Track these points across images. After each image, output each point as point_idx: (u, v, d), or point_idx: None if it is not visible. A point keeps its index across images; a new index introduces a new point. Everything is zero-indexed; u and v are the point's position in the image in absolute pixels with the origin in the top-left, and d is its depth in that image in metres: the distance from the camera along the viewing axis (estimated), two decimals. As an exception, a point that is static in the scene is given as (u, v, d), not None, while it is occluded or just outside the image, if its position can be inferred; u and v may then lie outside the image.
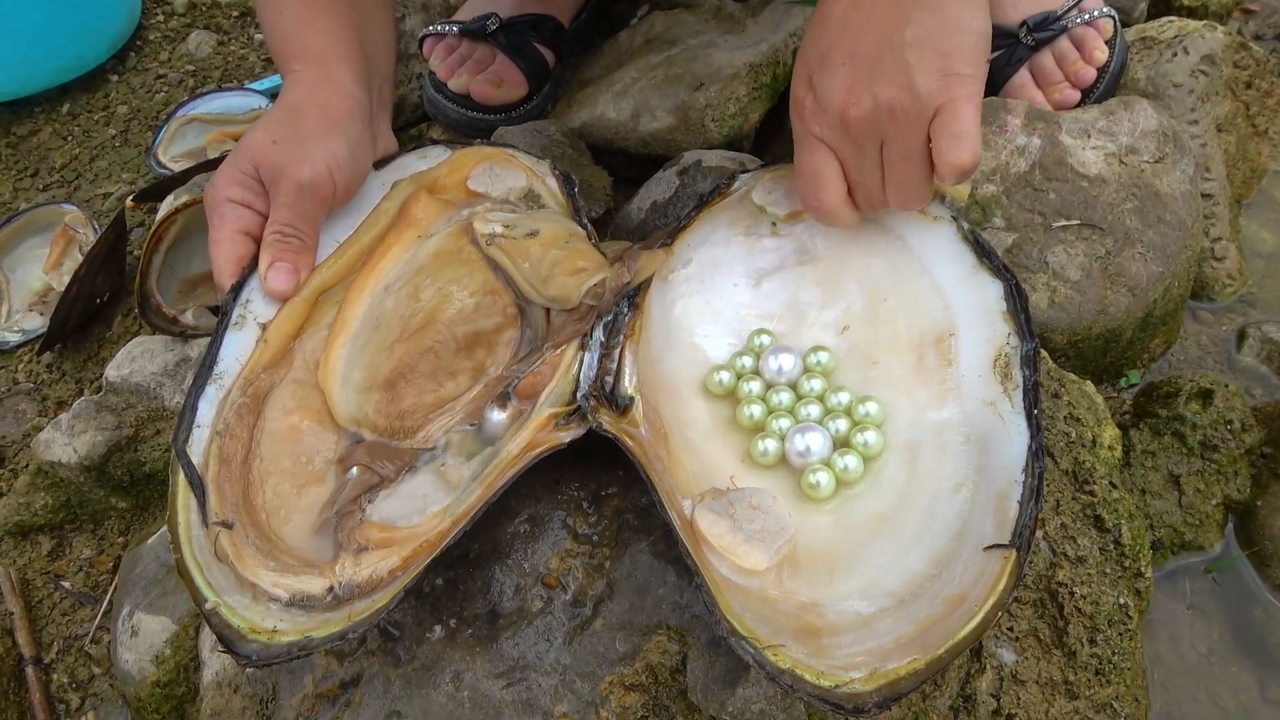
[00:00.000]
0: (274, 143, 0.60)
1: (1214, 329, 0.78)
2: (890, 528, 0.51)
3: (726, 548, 0.48)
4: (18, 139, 1.10)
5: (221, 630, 0.46)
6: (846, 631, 0.45)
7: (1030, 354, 0.53)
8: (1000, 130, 0.74)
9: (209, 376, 0.55)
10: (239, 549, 0.49)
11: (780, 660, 0.42)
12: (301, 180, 0.59)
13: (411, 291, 0.61)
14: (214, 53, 1.18)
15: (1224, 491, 0.66)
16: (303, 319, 0.59)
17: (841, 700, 0.41)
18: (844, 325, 0.61)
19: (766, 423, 0.57)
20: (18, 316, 0.91)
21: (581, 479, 0.56)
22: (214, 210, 0.60)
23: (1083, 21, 0.83)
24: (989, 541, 0.47)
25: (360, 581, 0.48)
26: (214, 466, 0.52)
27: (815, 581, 0.48)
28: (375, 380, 0.58)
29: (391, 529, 0.50)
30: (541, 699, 0.50)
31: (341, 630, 0.45)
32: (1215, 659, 0.63)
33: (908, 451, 0.54)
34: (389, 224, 0.64)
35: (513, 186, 0.67)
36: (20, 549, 0.76)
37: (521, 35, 0.89)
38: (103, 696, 0.69)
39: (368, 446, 0.55)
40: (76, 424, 0.71)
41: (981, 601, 0.44)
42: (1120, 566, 0.57)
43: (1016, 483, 0.48)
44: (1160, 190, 0.72)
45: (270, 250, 0.59)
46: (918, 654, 0.43)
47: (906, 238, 0.61)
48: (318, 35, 0.67)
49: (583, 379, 0.53)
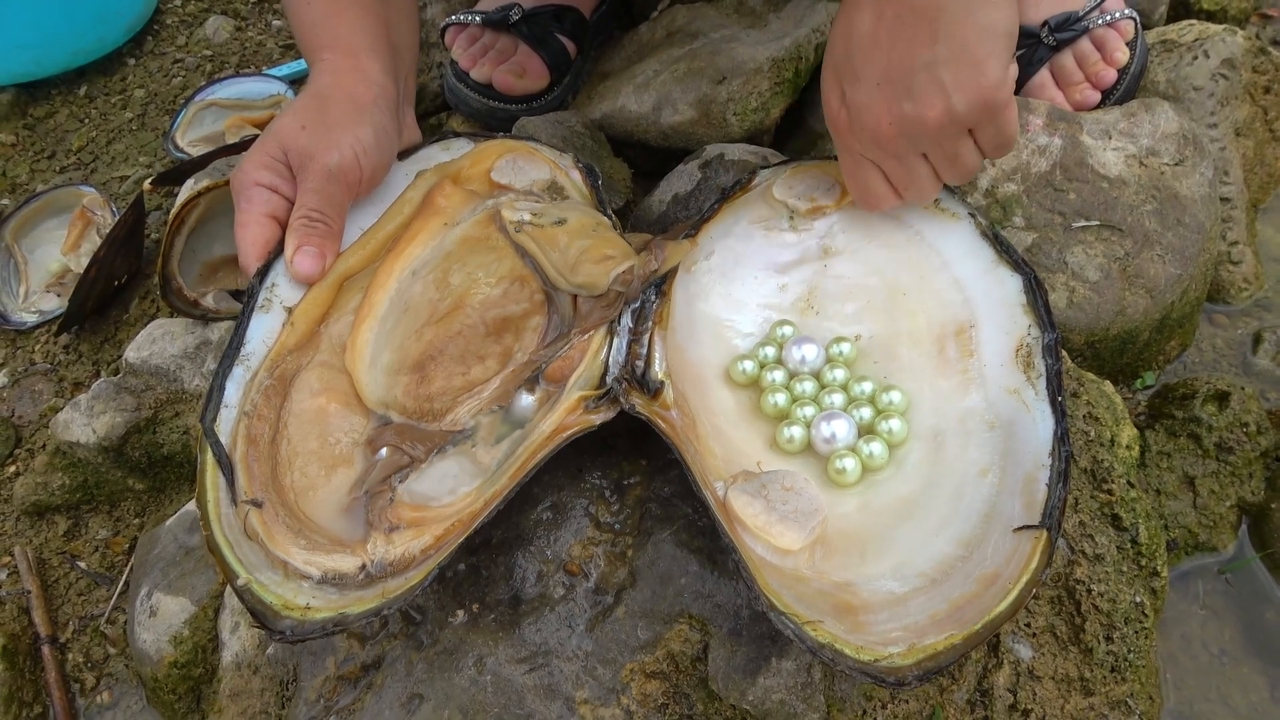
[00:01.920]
0: (303, 128, 0.60)
1: (1229, 332, 0.79)
2: (918, 511, 0.52)
3: (761, 527, 0.49)
4: (35, 121, 1.10)
5: (254, 606, 0.46)
6: (881, 609, 0.46)
7: (1052, 343, 0.54)
8: (1022, 130, 0.74)
9: (236, 358, 0.56)
10: (269, 527, 0.49)
11: (820, 635, 0.43)
12: (329, 166, 0.59)
13: (440, 276, 0.61)
14: (231, 38, 1.18)
15: (1238, 493, 0.67)
16: (329, 303, 0.60)
17: (882, 673, 0.42)
18: (863, 318, 0.62)
19: (791, 410, 0.58)
20: (35, 297, 0.92)
21: (604, 468, 0.57)
22: (241, 193, 0.60)
23: (1104, 23, 0.83)
24: (1018, 523, 0.48)
25: (393, 560, 0.48)
26: (242, 446, 0.52)
27: (847, 563, 0.49)
28: (404, 363, 0.58)
29: (424, 508, 0.51)
30: (563, 685, 0.50)
31: (376, 607, 0.45)
32: (1227, 659, 0.63)
33: (931, 438, 0.55)
34: (414, 212, 0.65)
35: (536, 179, 0.67)
36: (37, 528, 0.76)
37: (544, 26, 0.89)
38: (118, 676, 0.69)
39: (397, 428, 0.55)
40: (96, 405, 0.72)
41: (1015, 580, 0.45)
42: (1137, 565, 0.57)
43: (1044, 466, 0.49)
44: (1180, 193, 0.72)
45: (297, 234, 0.59)
46: (954, 629, 0.44)
47: (925, 233, 0.62)
48: (346, 24, 0.67)
49: (612, 363, 0.54)
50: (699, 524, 0.54)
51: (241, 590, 0.47)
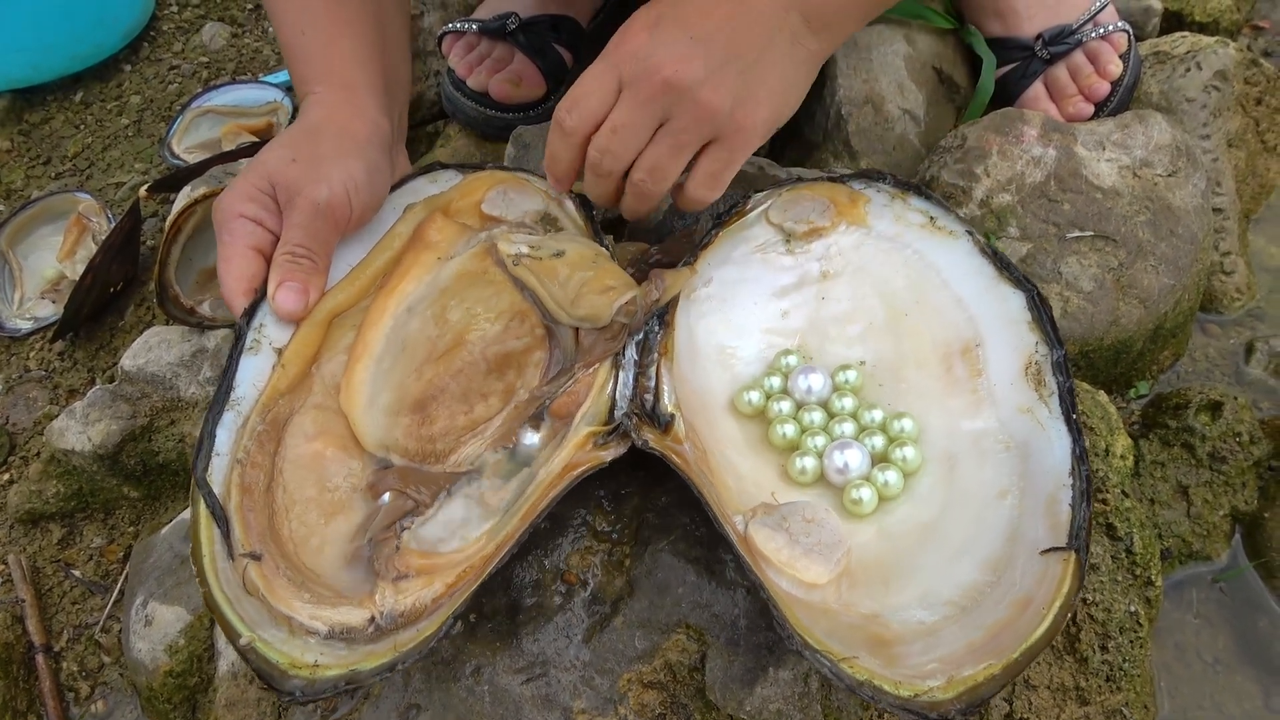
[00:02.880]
0: (293, 160, 0.59)
1: (1222, 342, 0.79)
2: (937, 536, 0.51)
3: (786, 562, 0.48)
4: (30, 126, 1.10)
5: (260, 667, 0.45)
6: (914, 640, 0.45)
7: (1061, 360, 0.53)
8: (1016, 140, 0.75)
9: (226, 402, 0.54)
10: (269, 581, 0.48)
11: (857, 672, 0.42)
12: (318, 201, 0.57)
13: (438, 312, 0.59)
14: (228, 45, 1.18)
15: (1232, 503, 0.67)
16: (319, 342, 0.58)
17: (924, 709, 0.42)
18: (867, 339, 0.61)
19: (801, 441, 0.57)
20: (30, 304, 0.91)
21: (601, 477, 0.57)
22: (224, 225, 0.58)
23: (1098, 36, 0.84)
24: (1044, 545, 0.47)
25: (403, 611, 0.47)
26: (236, 495, 0.51)
27: (873, 593, 0.48)
28: (404, 402, 0.56)
29: (432, 555, 0.49)
30: (561, 695, 0.50)
31: (390, 662, 0.44)
32: (1221, 668, 0.64)
33: (945, 462, 0.54)
34: (404, 246, 0.63)
35: (529, 210, 0.65)
36: (31, 536, 0.76)
37: (541, 35, 0.89)
38: (112, 685, 0.69)
39: (400, 471, 0.53)
40: (91, 412, 0.71)
41: (1049, 603, 0.44)
42: (1131, 575, 0.58)
43: (1065, 486, 0.49)
44: (1173, 203, 0.73)
45: (280, 270, 0.57)
46: (993, 659, 0.43)
47: (924, 253, 0.62)
48: (342, 58, 0.66)
49: (619, 397, 0.53)
50: (696, 534, 0.54)
51: (245, 650, 0.45)
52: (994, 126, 0.75)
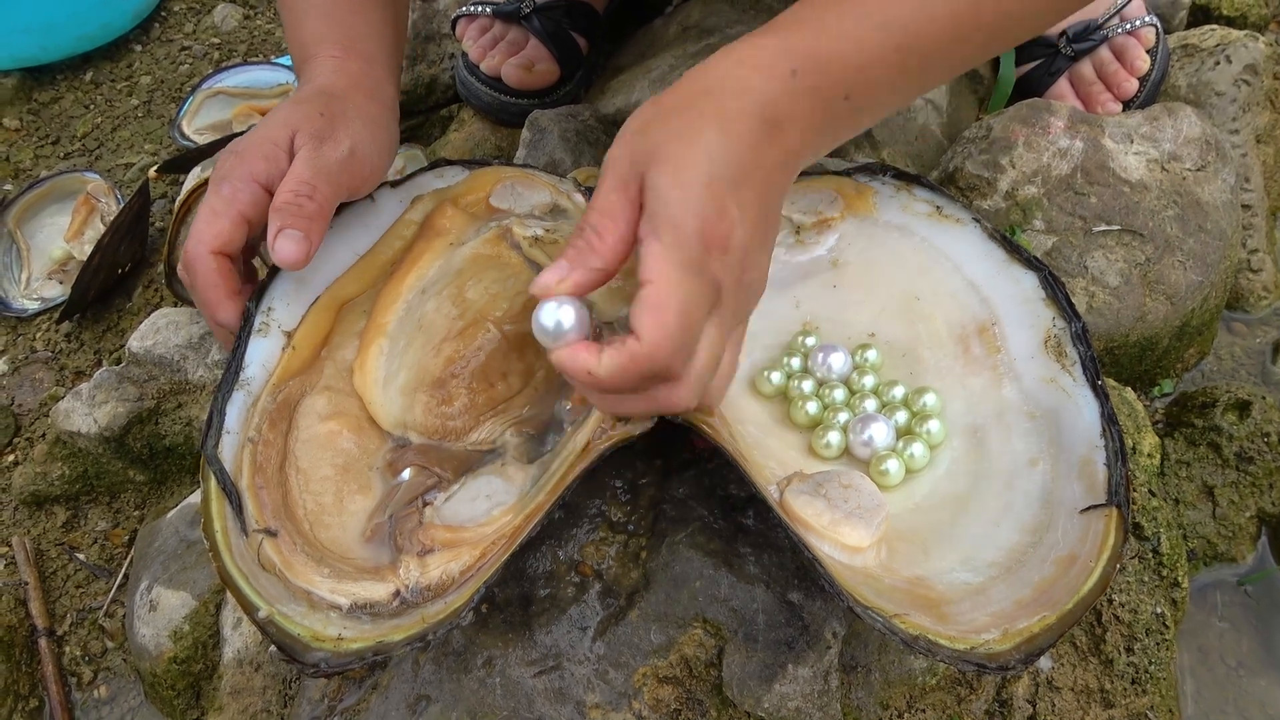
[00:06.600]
0: (320, 115, 0.57)
1: (1248, 341, 0.78)
2: (972, 506, 0.51)
3: (827, 526, 0.47)
4: (39, 106, 1.09)
5: (280, 640, 0.44)
6: (963, 600, 0.45)
7: (1080, 331, 0.54)
8: (1043, 132, 0.73)
9: (235, 382, 0.53)
10: (286, 557, 0.47)
11: (910, 628, 0.43)
12: (340, 149, 0.56)
13: (455, 293, 0.59)
14: (239, 26, 1.17)
15: (1258, 504, 0.66)
16: (329, 327, 0.58)
17: (983, 660, 0.42)
18: (880, 325, 0.61)
19: (825, 417, 0.57)
20: (37, 284, 0.90)
21: (618, 467, 0.56)
22: (224, 180, 0.54)
23: (1124, 31, 0.82)
24: (1081, 506, 0.47)
25: (430, 583, 0.47)
26: (248, 473, 0.50)
27: (913, 559, 0.48)
28: (423, 380, 0.56)
29: (458, 529, 0.49)
30: (574, 688, 0.49)
31: (420, 632, 0.43)
32: (1244, 671, 0.62)
33: (971, 436, 0.54)
34: (415, 234, 0.63)
35: (537, 202, 0.65)
36: (35, 519, 0.75)
37: (555, 20, 0.88)
38: (115, 670, 0.68)
39: (420, 449, 0.53)
40: (98, 394, 0.70)
41: (1095, 557, 0.45)
42: (1158, 576, 0.56)
43: (1097, 447, 0.49)
44: (1201, 199, 0.71)
45: (280, 215, 0.52)
46: (1046, 611, 0.43)
47: (933, 239, 0.62)
48: (367, 30, 0.65)
49: None
50: (714, 526, 0.53)
51: (264, 624, 0.45)
52: (1020, 117, 0.74)
